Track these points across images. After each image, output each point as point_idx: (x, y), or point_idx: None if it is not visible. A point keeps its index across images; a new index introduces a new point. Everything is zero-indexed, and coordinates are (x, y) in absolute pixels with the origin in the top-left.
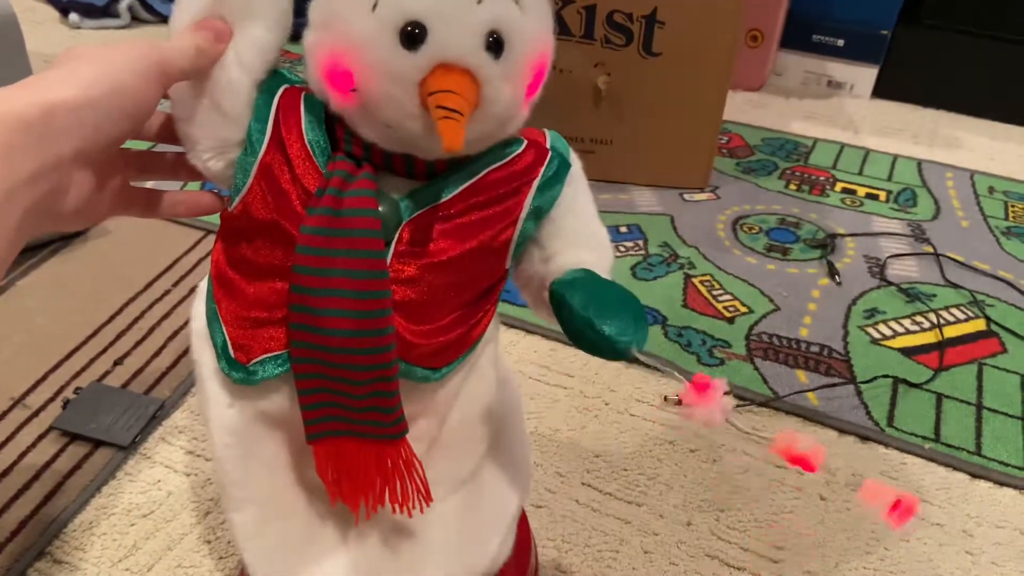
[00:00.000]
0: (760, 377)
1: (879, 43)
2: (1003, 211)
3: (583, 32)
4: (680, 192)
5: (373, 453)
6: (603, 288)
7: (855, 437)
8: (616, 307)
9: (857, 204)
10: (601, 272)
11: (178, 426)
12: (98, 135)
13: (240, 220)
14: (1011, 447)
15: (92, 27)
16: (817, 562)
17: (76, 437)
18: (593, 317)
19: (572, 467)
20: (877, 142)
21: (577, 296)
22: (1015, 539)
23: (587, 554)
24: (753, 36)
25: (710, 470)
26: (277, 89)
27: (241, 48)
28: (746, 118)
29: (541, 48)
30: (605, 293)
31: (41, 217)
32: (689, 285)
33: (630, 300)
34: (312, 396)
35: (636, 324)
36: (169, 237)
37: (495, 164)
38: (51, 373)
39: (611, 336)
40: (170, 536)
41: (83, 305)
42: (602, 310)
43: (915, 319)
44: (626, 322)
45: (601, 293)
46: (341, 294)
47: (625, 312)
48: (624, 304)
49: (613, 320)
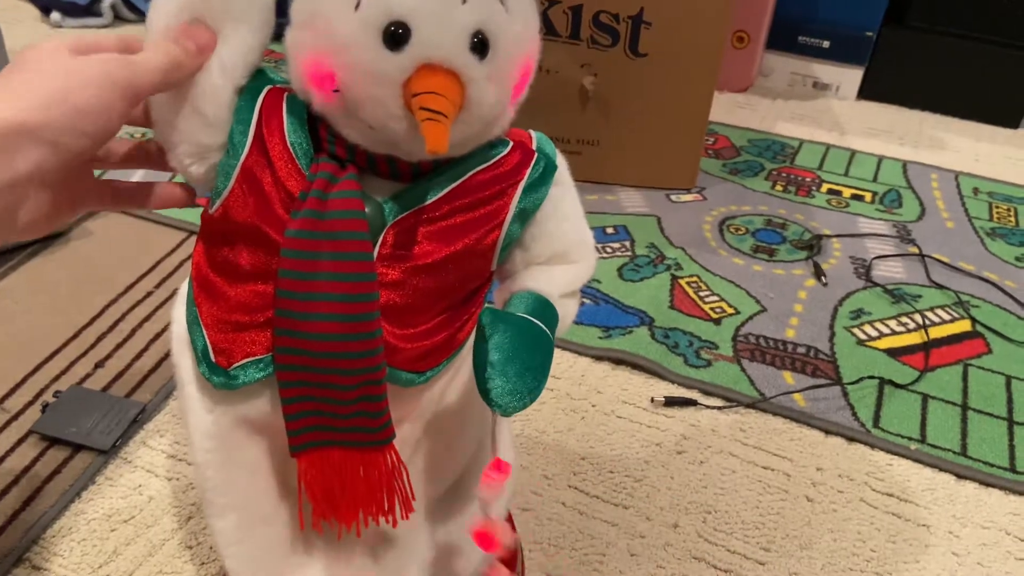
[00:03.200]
0: (747, 378)
1: (864, 45)
2: (988, 212)
3: (569, 32)
4: (667, 193)
5: (359, 462)
6: (525, 341)
7: (841, 438)
8: (520, 370)
9: (843, 205)
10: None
11: (159, 430)
12: (56, 155)
13: (221, 223)
14: (997, 448)
15: (74, 26)
16: (804, 563)
17: (56, 441)
18: (493, 365)
19: (558, 470)
20: (863, 143)
21: (498, 336)
22: (1001, 540)
23: (574, 557)
24: (739, 37)
25: (697, 472)
26: (260, 90)
27: (224, 53)
28: (732, 119)
29: (527, 49)
30: (522, 347)
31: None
32: (676, 286)
33: (539, 367)
34: (296, 404)
35: (520, 397)
36: (152, 238)
37: (480, 166)
38: (30, 376)
39: (490, 391)
40: (151, 542)
41: (63, 307)
42: (506, 365)
43: (901, 320)
44: (514, 388)
45: (520, 345)
46: (327, 298)
47: (522, 379)
48: (527, 371)
49: (507, 380)
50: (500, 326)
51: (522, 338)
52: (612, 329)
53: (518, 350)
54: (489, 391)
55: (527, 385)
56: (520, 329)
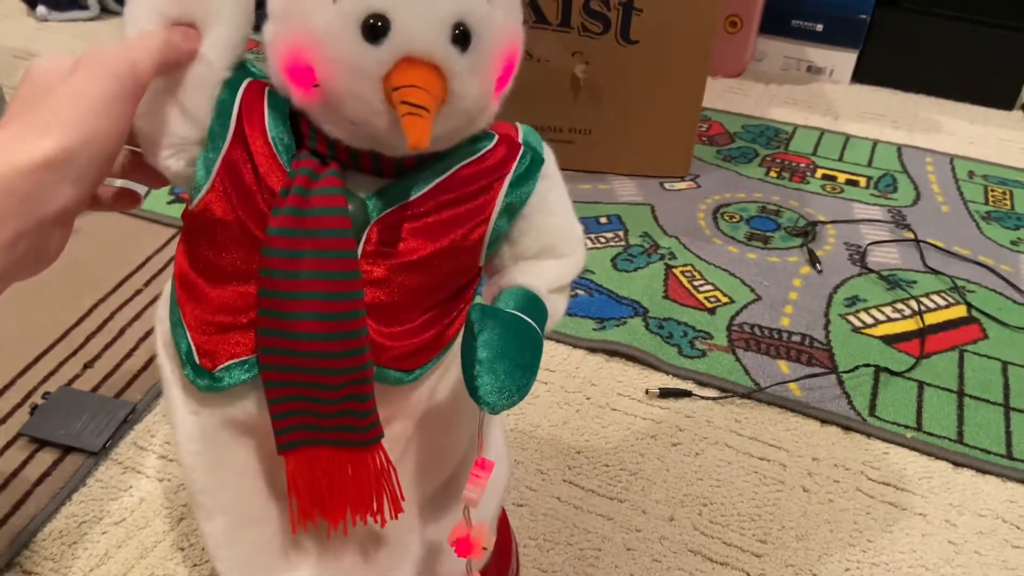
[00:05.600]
0: (742, 368)
1: (858, 27)
2: (983, 195)
3: (560, 20)
4: (660, 181)
5: (347, 461)
6: (514, 338)
7: (837, 427)
8: (509, 367)
9: (838, 191)
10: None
11: (150, 430)
12: (80, 188)
13: (201, 219)
14: (993, 435)
15: (60, 20)
16: (800, 555)
17: (45, 444)
18: (481, 362)
19: (553, 464)
20: (857, 127)
21: (486, 332)
22: (998, 528)
23: (569, 552)
24: (732, 22)
25: (692, 464)
26: (240, 83)
27: (205, 46)
28: (726, 105)
29: (510, 40)
30: (511, 344)
31: (16, 274)
32: (670, 276)
33: (528, 364)
34: (282, 404)
35: (509, 394)
36: (139, 236)
37: (465, 160)
38: (18, 378)
39: (478, 388)
40: (143, 544)
41: (51, 307)
42: (494, 362)
43: (896, 306)
44: (503, 386)
45: (509, 343)
46: (311, 296)
47: (511, 376)
48: (516, 368)
49: (495, 378)
50: (488, 323)
51: (511, 335)
52: (606, 320)
53: (507, 347)
54: (477, 388)
55: (516, 383)
56: (509, 326)
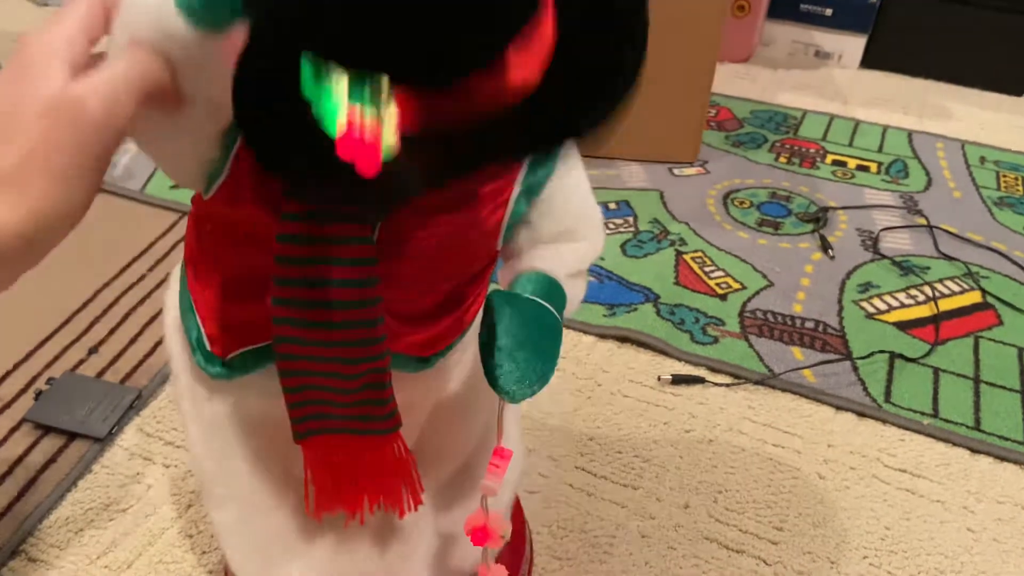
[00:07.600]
0: (755, 354)
1: (867, 12)
2: (995, 181)
3: None
4: (669, 167)
5: (365, 450)
6: (535, 325)
7: (852, 414)
8: (529, 356)
9: (848, 176)
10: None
11: (156, 416)
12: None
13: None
14: (1011, 421)
15: (60, 4)
16: (818, 542)
17: (50, 430)
18: (502, 350)
19: (565, 451)
20: (867, 113)
21: (506, 320)
22: (1017, 515)
23: (583, 540)
24: (740, 6)
25: (706, 451)
26: None
27: None
28: (734, 90)
29: None
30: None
31: None
32: (680, 262)
33: (548, 352)
34: (298, 394)
35: (530, 383)
36: (143, 219)
37: None
38: (22, 363)
39: (499, 377)
40: (150, 531)
41: (54, 291)
42: (515, 350)
43: (910, 292)
44: (523, 375)
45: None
46: (327, 284)
47: (531, 365)
48: (536, 356)
49: (516, 366)
50: (508, 310)
51: (532, 322)
52: (617, 307)
53: (528, 335)
54: (497, 378)
55: (536, 371)
56: (530, 313)
